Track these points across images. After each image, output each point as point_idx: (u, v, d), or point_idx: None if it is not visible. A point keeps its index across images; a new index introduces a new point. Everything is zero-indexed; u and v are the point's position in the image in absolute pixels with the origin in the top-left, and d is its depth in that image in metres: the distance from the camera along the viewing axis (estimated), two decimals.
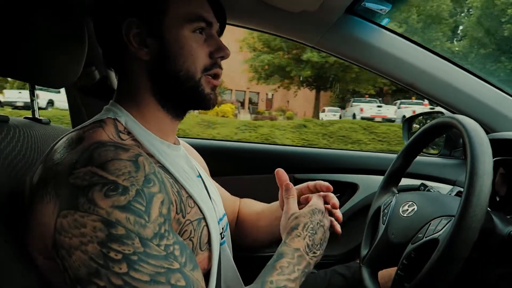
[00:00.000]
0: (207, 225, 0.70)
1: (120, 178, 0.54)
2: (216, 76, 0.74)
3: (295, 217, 0.75)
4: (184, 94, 0.72)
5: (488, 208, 0.88)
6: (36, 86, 0.90)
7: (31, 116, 0.89)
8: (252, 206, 1.07)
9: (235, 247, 0.93)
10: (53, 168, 0.58)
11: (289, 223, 0.75)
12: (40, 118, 0.89)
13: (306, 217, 0.75)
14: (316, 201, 0.80)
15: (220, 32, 0.80)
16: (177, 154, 0.76)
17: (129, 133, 0.69)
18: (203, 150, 1.05)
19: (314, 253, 0.72)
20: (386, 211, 0.88)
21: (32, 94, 0.91)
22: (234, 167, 1.48)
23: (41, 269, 0.60)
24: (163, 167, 0.68)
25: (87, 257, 0.51)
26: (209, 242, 0.71)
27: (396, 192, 0.94)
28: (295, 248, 0.70)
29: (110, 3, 0.70)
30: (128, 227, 0.52)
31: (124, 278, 0.50)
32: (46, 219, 0.55)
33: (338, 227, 0.82)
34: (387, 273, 0.87)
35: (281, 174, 0.87)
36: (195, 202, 0.70)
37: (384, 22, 1.18)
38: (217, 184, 1.01)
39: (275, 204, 0.98)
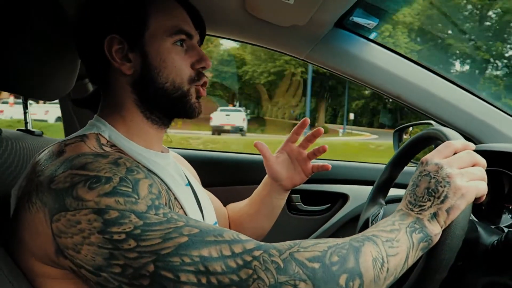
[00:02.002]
0: None
1: (101, 172, 0.55)
2: (204, 85, 0.76)
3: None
4: (171, 104, 0.73)
5: (474, 218, 0.90)
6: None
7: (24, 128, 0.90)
8: (237, 204, 1.10)
9: None
10: (34, 180, 0.59)
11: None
12: (33, 130, 0.90)
13: (411, 179, 0.64)
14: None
15: (200, 42, 0.82)
16: (165, 162, 0.77)
17: (112, 145, 0.69)
18: (193, 161, 1.05)
19: (421, 206, 0.60)
20: (374, 222, 0.90)
21: (25, 107, 0.92)
22: (225, 177, 1.48)
23: (33, 275, 0.60)
24: (150, 171, 0.68)
25: (95, 247, 0.52)
26: None
27: (384, 203, 0.96)
28: (397, 209, 0.63)
29: (91, 20, 0.72)
30: (120, 208, 0.53)
31: (137, 250, 0.51)
32: (40, 228, 0.56)
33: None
34: None
35: (261, 146, 0.91)
36: (181, 205, 0.70)
37: (372, 36, 1.21)
38: (210, 193, 1.02)
39: (261, 184, 1.02)
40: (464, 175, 0.60)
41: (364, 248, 0.54)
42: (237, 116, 15.56)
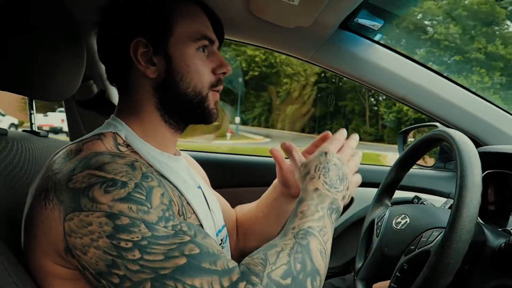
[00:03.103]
0: None
1: (118, 175, 0.56)
2: (219, 91, 0.78)
3: (304, 165, 0.74)
4: (190, 109, 0.75)
5: (480, 221, 0.89)
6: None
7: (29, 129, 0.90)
8: (245, 206, 1.09)
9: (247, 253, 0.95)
10: (52, 178, 0.60)
11: (301, 173, 0.74)
12: (38, 131, 0.90)
13: (314, 161, 0.73)
14: (322, 146, 0.77)
15: (219, 48, 0.83)
16: (177, 165, 0.77)
17: (128, 145, 0.70)
18: (204, 163, 1.06)
19: (336, 188, 0.69)
20: (379, 224, 0.89)
21: (30, 108, 0.92)
22: (235, 179, 1.48)
23: (43, 275, 0.60)
24: (163, 176, 0.69)
25: (101, 251, 0.53)
26: None
27: (390, 205, 0.95)
28: (313, 189, 0.68)
29: (117, 24, 0.73)
30: (131, 215, 0.53)
31: (140, 263, 0.52)
32: (53, 225, 0.57)
33: None
34: (381, 286, 0.88)
35: (277, 153, 0.91)
36: (193, 210, 0.71)
37: (377, 37, 1.21)
38: (218, 195, 1.02)
39: (270, 187, 1.02)
40: (351, 171, 0.75)
41: (311, 245, 0.60)
42: (56, 116, 14.45)
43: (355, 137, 0.81)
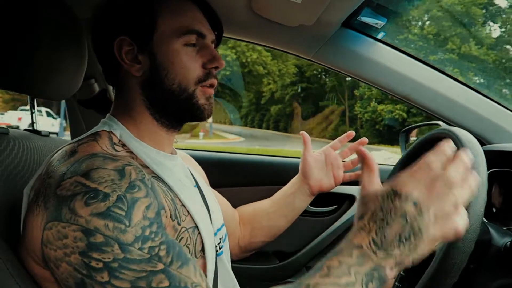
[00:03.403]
0: (200, 234, 0.71)
1: (101, 185, 0.54)
2: (212, 86, 0.75)
3: (364, 202, 0.57)
4: (179, 107, 0.73)
5: (485, 220, 0.88)
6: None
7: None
8: (252, 204, 1.10)
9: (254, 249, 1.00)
10: (46, 181, 0.59)
11: (358, 211, 0.58)
12: (40, 130, 0.90)
13: (375, 201, 0.54)
14: (402, 176, 0.54)
15: (217, 42, 0.81)
16: (173, 164, 0.77)
17: (123, 145, 0.70)
18: (203, 161, 1.05)
19: (388, 252, 0.51)
20: None
21: (32, 107, 0.92)
22: (235, 178, 1.48)
23: (38, 278, 0.60)
24: (157, 177, 0.68)
25: (72, 268, 0.51)
26: (203, 250, 0.71)
27: None
28: (356, 245, 0.53)
29: (102, 22, 0.73)
30: (106, 233, 0.52)
31: (106, 286, 0.50)
32: (35, 232, 0.56)
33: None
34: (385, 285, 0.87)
35: (306, 137, 0.93)
36: (188, 211, 0.70)
37: (380, 35, 1.20)
38: (218, 194, 1.02)
39: (289, 183, 1.05)
40: (444, 219, 0.52)
41: None
42: (14, 115, 14.20)
43: (468, 154, 0.54)
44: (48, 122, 13.49)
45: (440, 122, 1.28)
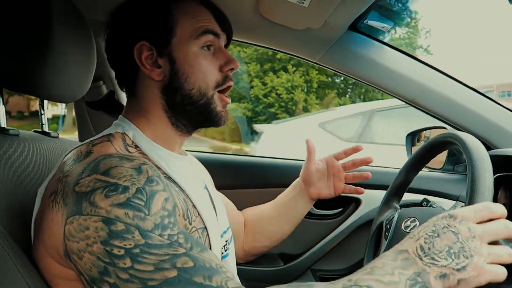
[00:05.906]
0: (208, 235, 0.72)
1: (121, 180, 0.56)
2: (227, 90, 0.77)
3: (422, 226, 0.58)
4: (197, 112, 0.74)
5: None
6: None
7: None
8: (256, 207, 1.10)
9: (259, 253, 1.00)
10: (62, 180, 0.60)
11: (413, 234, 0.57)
12: (49, 131, 0.91)
13: (432, 219, 0.57)
14: (461, 209, 0.58)
15: (227, 44, 0.82)
16: (184, 165, 0.78)
17: (136, 146, 0.71)
18: (208, 163, 1.06)
19: (434, 259, 0.51)
20: (388, 226, 0.89)
21: (41, 109, 0.93)
22: (239, 180, 1.48)
23: (50, 275, 0.61)
24: (169, 178, 0.70)
25: (95, 257, 0.52)
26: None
27: (398, 207, 0.95)
28: (401, 250, 0.54)
29: (121, 28, 0.73)
30: (127, 221, 0.53)
31: (130, 272, 0.51)
32: (56, 228, 0.57)
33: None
34: None
35: (311, 142, 0.92)
36: (198, 212, 0.71)
37: (387, 39, 1.20)
38: (223, 196, 1.02)
39: (290, 186, 1.05)
40: (490, 256, 0.53)
41: None
42: None
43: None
44: None
45: (446, 126, 1.28)
